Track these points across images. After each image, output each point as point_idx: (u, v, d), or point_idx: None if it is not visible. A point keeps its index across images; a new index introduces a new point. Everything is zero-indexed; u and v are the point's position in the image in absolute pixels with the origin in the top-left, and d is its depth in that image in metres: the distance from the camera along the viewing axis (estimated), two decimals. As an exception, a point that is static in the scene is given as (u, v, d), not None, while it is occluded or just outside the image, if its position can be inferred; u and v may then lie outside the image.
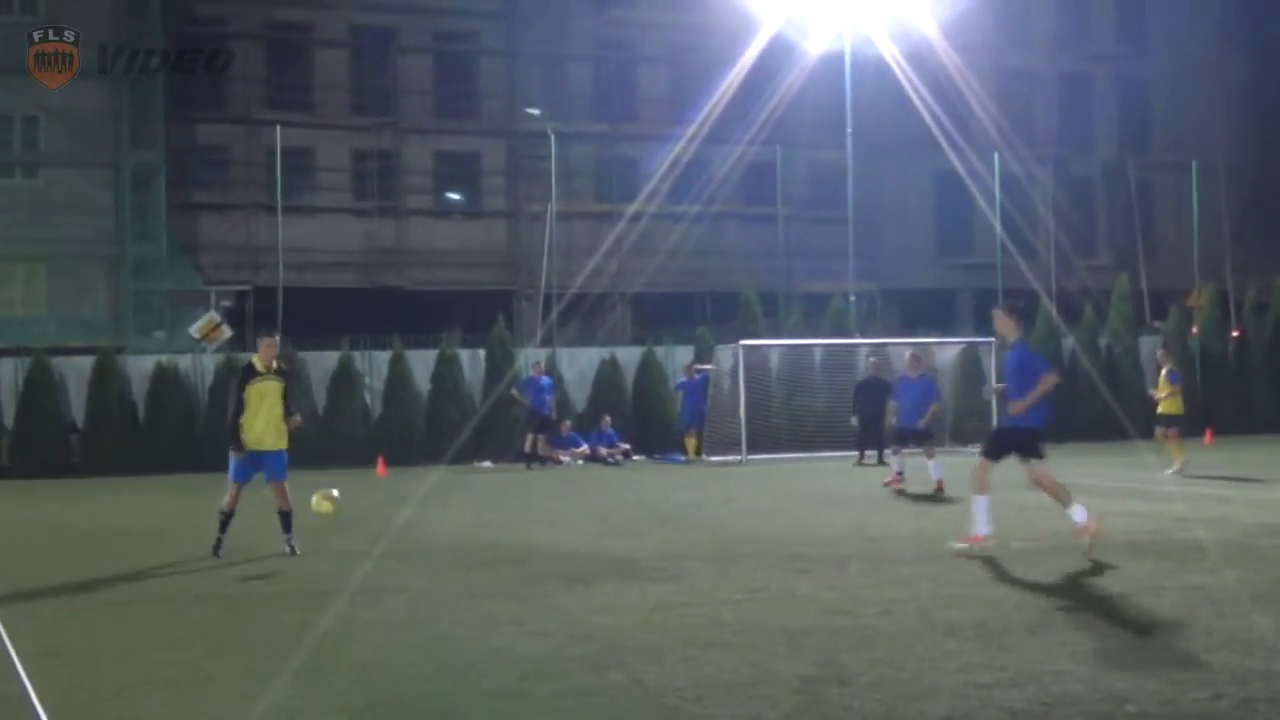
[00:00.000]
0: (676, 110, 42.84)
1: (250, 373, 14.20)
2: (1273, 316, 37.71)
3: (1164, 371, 24.79)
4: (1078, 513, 12.89)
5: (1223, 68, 52.26)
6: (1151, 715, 6.84)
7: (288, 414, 14.30)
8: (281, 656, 8.62)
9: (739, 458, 28.92)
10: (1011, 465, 13.18)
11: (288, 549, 13.91)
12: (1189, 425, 31.20)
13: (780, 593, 10.98)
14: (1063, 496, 13.05)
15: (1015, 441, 13.34)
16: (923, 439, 21.52)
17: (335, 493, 13.26)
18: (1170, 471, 22.72)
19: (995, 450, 13.51)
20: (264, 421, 14.08)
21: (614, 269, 38.34)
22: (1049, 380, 13.28)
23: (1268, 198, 49.98)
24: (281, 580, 12.46)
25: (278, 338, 14.79)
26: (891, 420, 24.62)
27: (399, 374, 31.50)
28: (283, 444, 14.28)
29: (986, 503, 13.17)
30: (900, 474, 21.37)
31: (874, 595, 10.63)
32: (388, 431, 30.86)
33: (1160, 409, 24.51)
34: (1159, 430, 24.49)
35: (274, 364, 14.30)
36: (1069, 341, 34.83)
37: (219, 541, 13.92)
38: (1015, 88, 48.58)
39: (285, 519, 14.10)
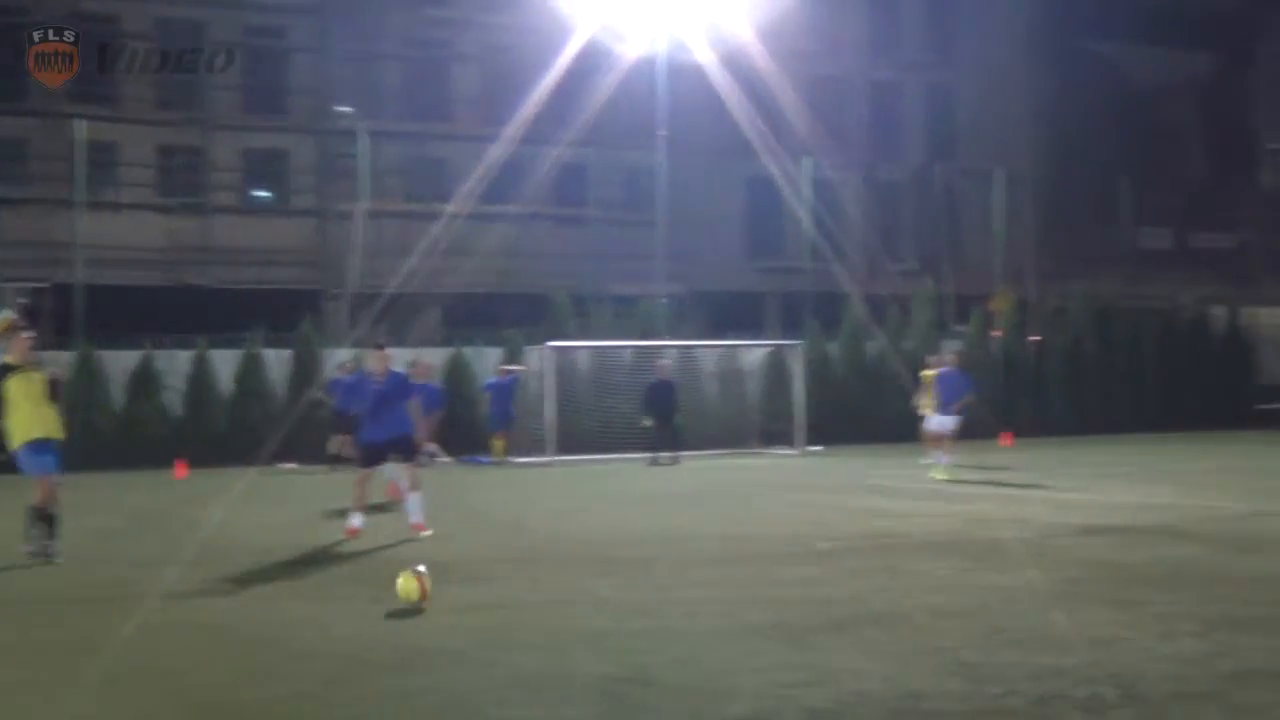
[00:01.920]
0: (489, 110, 42.59)
1: (5, 370, 13.68)
2: (1070, 322, 38.86)
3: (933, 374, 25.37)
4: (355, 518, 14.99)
5: (1028, 78, 53.76)
6: (947, 713, 6.94)
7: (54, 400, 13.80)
8: (80, 665, 8.41)
9: (546, 459, 28.86)
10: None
11: (36, 551, 13.37)
12: (991, 427, 32.16)
13: (585, 594, 10.97)
14: (360, 499, 15.15)
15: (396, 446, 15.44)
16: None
17: (422, 568, 11.62)
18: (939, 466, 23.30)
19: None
20: (29, 414, 13.55)
21: (424, 269, 37.93)
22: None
23: (1069, 206, 51.54)
24: (77, 586, 12.08)
25: (34, 332, 14.31)
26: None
27: (202, 374, 30.79)
28: (54, 435, 13.75)
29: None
30: None
31: (677, 596, 10.67)
32: (190, 432, 30.10)
33: (926, 411, 25.25)
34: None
35: (29, 356, 13.77)
36: (874, 344, 35.41)
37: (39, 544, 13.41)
38: (826, 94, 49.28)
39: (48, 521, 13.52)
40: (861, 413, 33.76)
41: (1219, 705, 6.93)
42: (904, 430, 28.76)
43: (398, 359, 27.79)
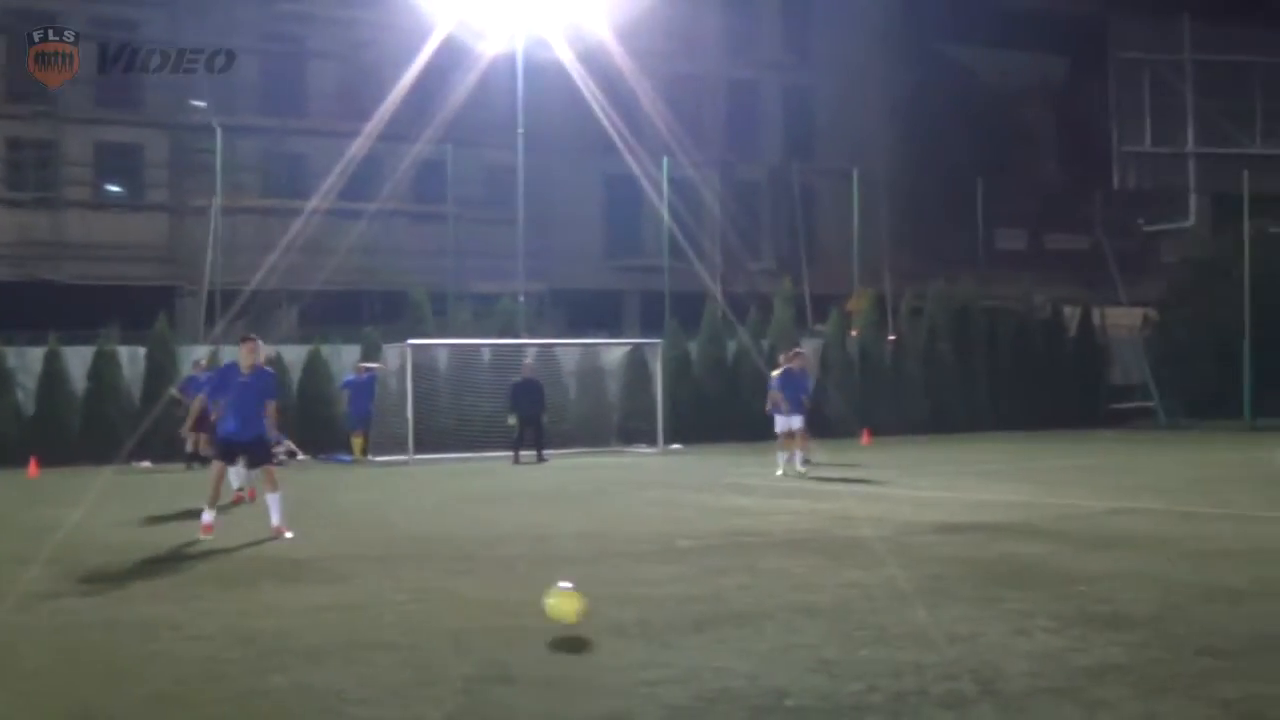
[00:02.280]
0: (347, 107, 42.32)
1: None
2: (926, 321, 39.42)
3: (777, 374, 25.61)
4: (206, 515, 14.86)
5: (885, 80, 54.49)
6: (809, 709, 6.96)
7: None
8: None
9: (405, 458, 28.67)
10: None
11: None
12: (850, 425, 32.51)
13: (446, 593, 10.93)
14: (214, 496, 14.99)
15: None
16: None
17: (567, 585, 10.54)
18: (796, 467, 23.63)
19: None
20: None
21: (281, 266, 37.42)
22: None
23: (925, 206, 52.28)
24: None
25: None
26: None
27: (54, 371, 30.19)
28: None
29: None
30: None
31: (539, 595, 10.54)
32: (42, 431, 29.50)
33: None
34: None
35: None
36: (733, 343, 35.62)
37: None
38: (684, 93, 49.49)
39: None
40: (721, 411, 33.95)
41: (1075, 700, 7.01)
42: (764, 429, 28.93)
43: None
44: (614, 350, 34.91)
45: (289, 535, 14.71)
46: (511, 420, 28.53)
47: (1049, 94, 60.49)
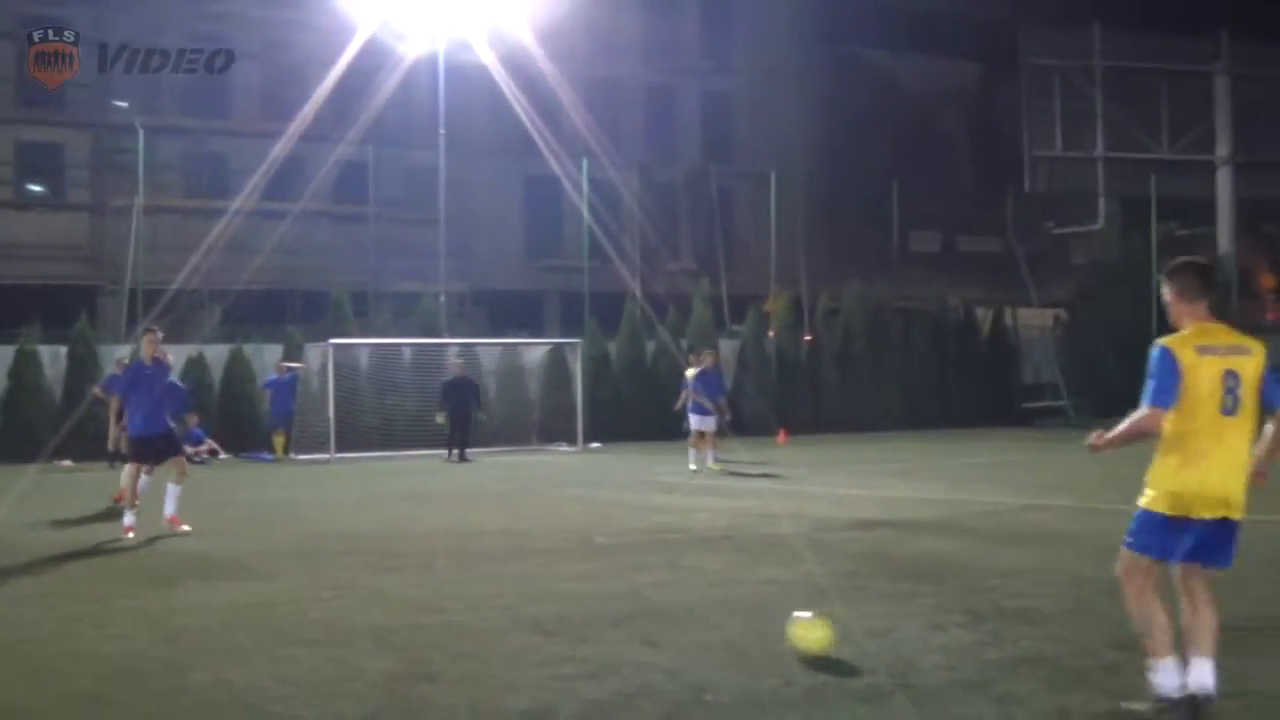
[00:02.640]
0: (270, 107, 42.12)
1: None
2: (842, 322, 39.74)
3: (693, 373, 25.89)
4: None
5: (801, 84, 54.87)
6: (727, 704, 7.05)
7: None
8: None
9: (327, 456, 28.62)
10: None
11: None
12: (767, 424, 32.69)
13: (368, 590, 10.94)
14: (132, 496, 14.96)
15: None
16: None
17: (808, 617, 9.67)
18: (708, 465, 24.10)
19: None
20: None
21: (204, 266, 37.18)
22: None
23: (841, 209, 52.66)
24: None
25: None
26: None
27: (-26, 370, 29.85)
28: None
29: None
30: None
31: (461, 592, 10.70)
32: (-37, 430, 29.17)
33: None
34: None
35: None
36: (653, 343, 35.74)
37: None
38: (604, 96, 49.56)
39: None
40: (640, 410, 34.03)
41: (987, 694, 7.14)
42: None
43: (177, 355, 27.21)
44: (534, 350, 34.98)
45: (185, 529, 14.76)
46: (440, 419, 28.53)
47: (962, 99, 61.22)
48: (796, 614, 8.46)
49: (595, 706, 7.01)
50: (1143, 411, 6.70)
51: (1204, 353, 6.61)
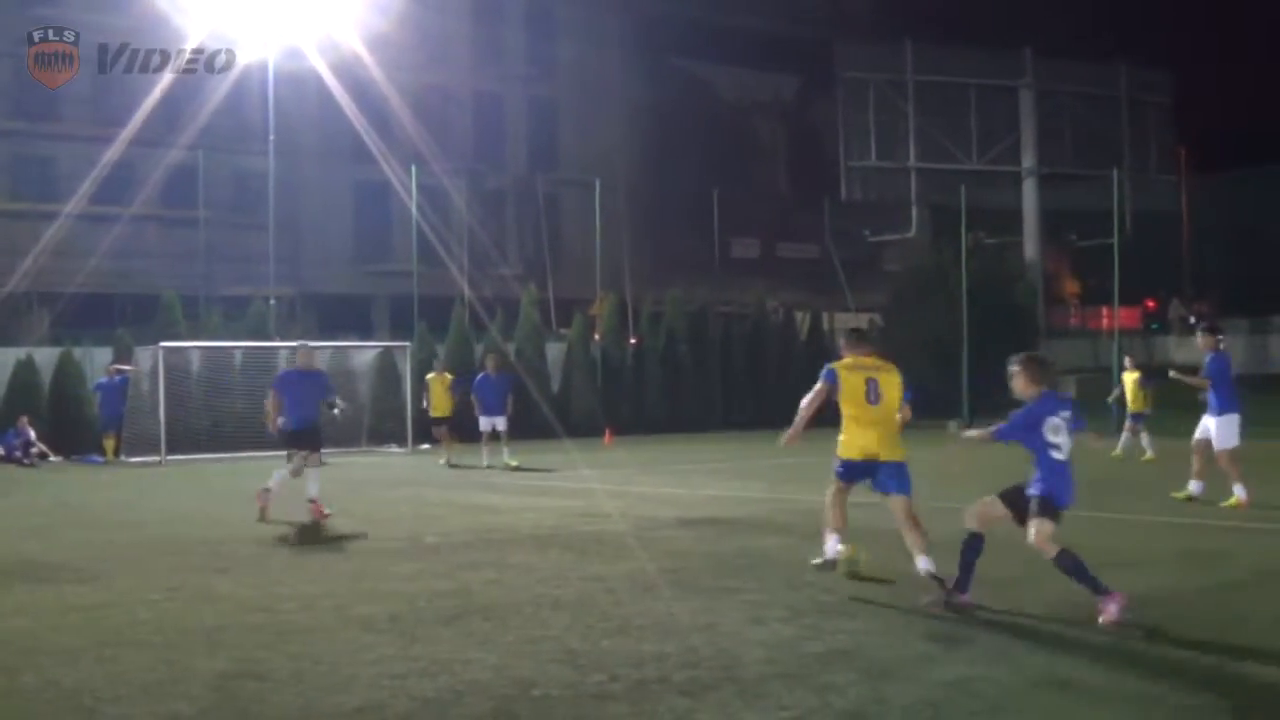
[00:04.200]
0: (99, 111, 41.48)
1: None
2: (666, 326, 40.22)
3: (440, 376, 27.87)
4: None
5: (625, 93, 55.41)
6: (554, 698, 7.17)
7: None
8: None
9: (159, 458, 28.35)
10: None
11: None
12: (595, 425, 32.96)
13: (199, 591, 10.90)
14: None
15: None
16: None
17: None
18: (442, 462, 25.69)
19: None
20: None
21: (32, 269, 36.48)
22: None
23: (663, 215, 53.27)
24: None
25: None
26: None
27: None
28: None
29: None
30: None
31: (292, 592, 10.70)
32: None
33: (435, 413, 27.49)
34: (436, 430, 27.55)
35: None
36: (481, 346, 35.83)
37: None
38: (433, 103, 49.57)
39: None
40: (469, 411, 34.02)
41: (807, 685, 7.33)
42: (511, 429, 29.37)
43: (6, 358, 26.94)
44: (364, 353, 34.92)
45: (327, 512, 16.08)
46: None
47: (781, 110, 62.30)
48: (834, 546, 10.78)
49: (425, 704, 7.07)
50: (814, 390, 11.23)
51: (853, 370, 11.02)
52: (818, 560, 11.01)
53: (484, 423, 25.91)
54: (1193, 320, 56.49)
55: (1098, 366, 46.39)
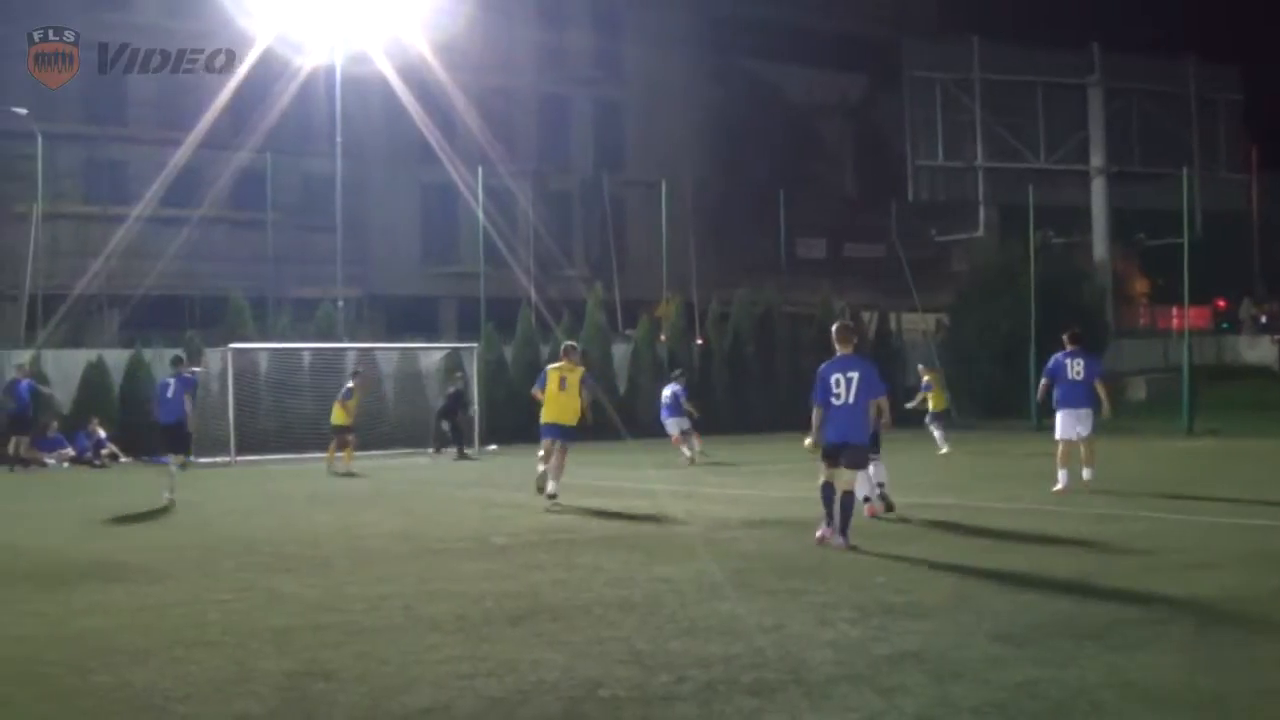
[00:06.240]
0: (167, 115, 42.01)
1: None
2: (732, 326, 40.16)
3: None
4: None
5: (691, 95, 55.38)
6: (622, 699, 7.16)
7: None
8: None
9: (227, 459, 28.58)
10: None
11: None
12: (662, 426, 32.82)
13: (267, 591, 10.95)
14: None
15: None
16: None
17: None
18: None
19: None
20: None
21: (103, 271, 36.98)
22: None
23: (729, 216, 53.19)
24: None
25: None
26: None
27: (-128, 374, 29.40)
28: None
29: None
30: None
31: (359, 592, 10.74)
32: None
33: (335, 420, 27.06)
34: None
35: None
36: (547, 347, 35.89)
37: None
38: (499, 106, 49.80)
39: None
40: (536, 413, 34.16)
41: (874, 687, 7.30)
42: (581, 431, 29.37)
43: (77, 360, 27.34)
44: (431, 354, 35.06)
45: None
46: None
47: (847, 110, 62.04)
48: None
49: (493, 704, 7.08)
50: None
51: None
52: None
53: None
54: (1264, 320, 55.85)
55: (1168, 367, 45.94)
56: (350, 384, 27.59)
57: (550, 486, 17.71)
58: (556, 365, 19.05)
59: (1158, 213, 47.16)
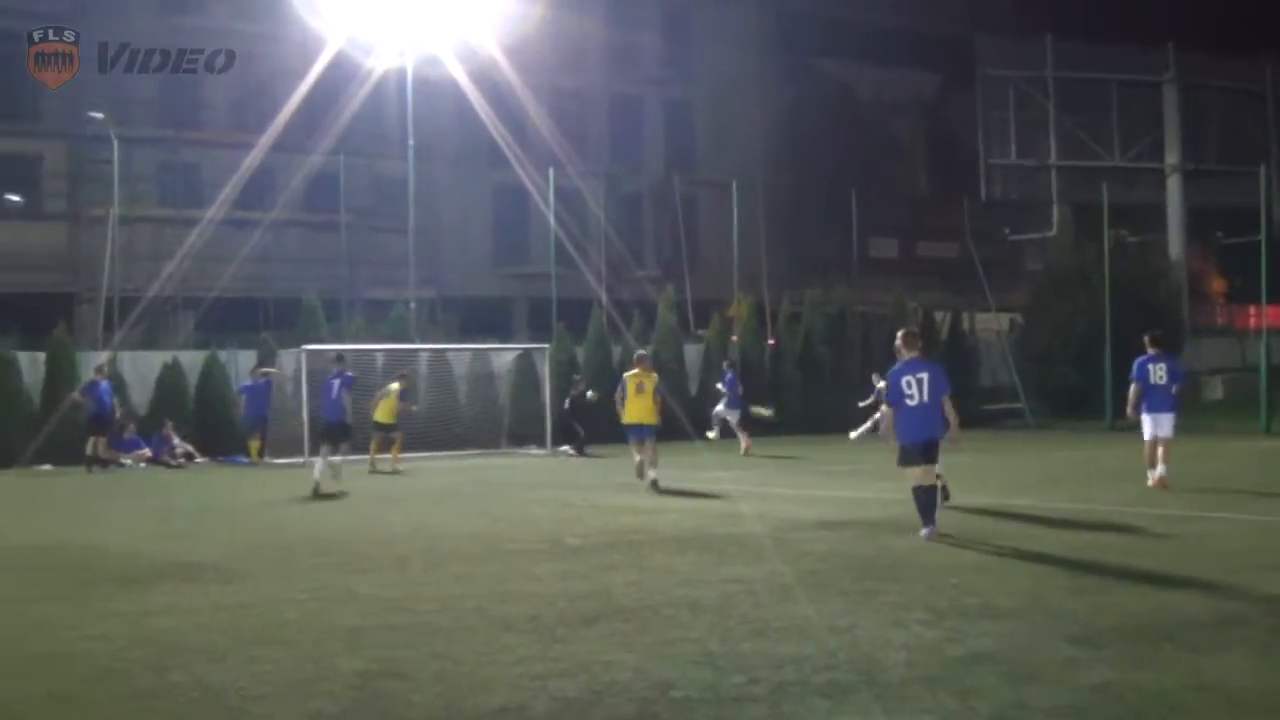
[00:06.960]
0: (241, 118, 42.66)
1: None
2: (804, 326, 40.04)
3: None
4: None
5: (762, 94, 55.31)
6: (694, 700, 7.16)
7: None
8: None
9: (301, 459, 28.65)
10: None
11: None
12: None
13: (341, 591, 11.02)
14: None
15: None
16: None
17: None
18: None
19: None
20: None
21: (178, 274, 37.44)
22: None
23: (801, 215, 53.07)
24: None
25: None
26: None
27: (-45, 377, 29.82)
28: None
29: None
30: None
31: (432, 593, 10.78)
32: (-56, 436, 29.19)
33: (379, 418, 27.43)
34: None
35: None
36: (619, 348, 35.97)
37: None
38: (570, 107, 49.98)
39: None
40: (609, 413, 34.25)
41: (949, 689, 7.26)
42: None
43: (153, 361, 27.73)
44: (503, 355, 35.23)
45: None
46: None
47: (920, 108, 61.79)
48: None
49: (566, 704, 7.10)
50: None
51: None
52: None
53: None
54: None
55: (1245, 366, 45.37)
56: (395, 385, 27.80)
57: (651, 474, 20.17)
58: (632, 372, 21.36)
59: (1234, 210, 46.60)
